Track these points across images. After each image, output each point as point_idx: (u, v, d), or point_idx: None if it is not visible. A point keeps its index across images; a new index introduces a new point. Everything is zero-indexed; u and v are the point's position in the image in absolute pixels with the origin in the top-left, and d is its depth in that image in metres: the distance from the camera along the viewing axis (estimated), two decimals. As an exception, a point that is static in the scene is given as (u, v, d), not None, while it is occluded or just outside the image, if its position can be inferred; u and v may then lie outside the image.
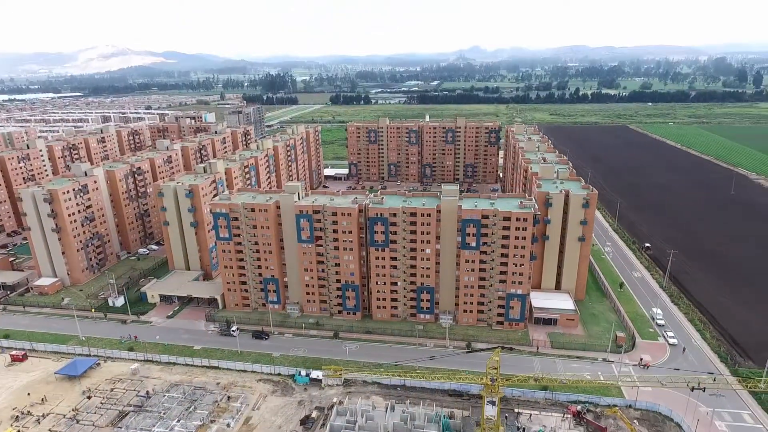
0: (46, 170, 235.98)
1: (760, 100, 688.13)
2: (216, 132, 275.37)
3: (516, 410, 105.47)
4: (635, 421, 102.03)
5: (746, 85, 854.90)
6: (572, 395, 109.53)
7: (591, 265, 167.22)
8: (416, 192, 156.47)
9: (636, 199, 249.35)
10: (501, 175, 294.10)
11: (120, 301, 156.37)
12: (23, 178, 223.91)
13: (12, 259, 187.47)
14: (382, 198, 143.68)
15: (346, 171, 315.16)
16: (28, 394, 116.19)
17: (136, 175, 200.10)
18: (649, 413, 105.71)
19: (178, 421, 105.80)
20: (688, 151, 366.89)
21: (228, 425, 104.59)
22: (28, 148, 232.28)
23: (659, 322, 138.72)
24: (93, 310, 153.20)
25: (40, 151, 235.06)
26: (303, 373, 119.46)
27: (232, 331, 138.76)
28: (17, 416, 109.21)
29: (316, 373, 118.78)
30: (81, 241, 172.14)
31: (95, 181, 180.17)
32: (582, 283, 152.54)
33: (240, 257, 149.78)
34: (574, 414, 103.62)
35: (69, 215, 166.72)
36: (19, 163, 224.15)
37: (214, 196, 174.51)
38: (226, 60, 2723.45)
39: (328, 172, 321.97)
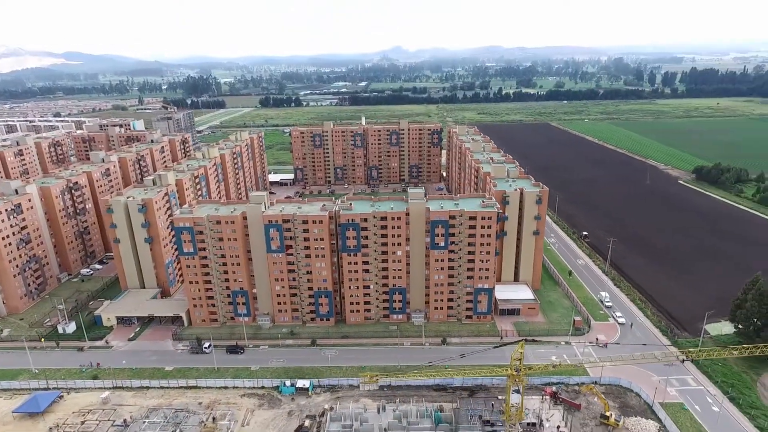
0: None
1: (656, 97, 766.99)
2: (152, 141, 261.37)
3: (499, 397, 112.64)
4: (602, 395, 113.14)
5: (643, 84, 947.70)
6: (545, 378, 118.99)
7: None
8: (382, 196, 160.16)
9: (568, 193, 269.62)
10: (444, 174, 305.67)
11: (72, 327, 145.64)
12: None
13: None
14: (350, 204, 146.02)
15: (291, 176, 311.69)
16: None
17: (73, 191, 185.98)
18: (612, 387, 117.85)
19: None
20: (605, 146, 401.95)
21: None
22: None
23: (607, 304, 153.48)
24: (42, 339, 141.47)
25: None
26: (288, 383, 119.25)
27: (205, 348, 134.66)
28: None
29: (301, 382, 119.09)
30: (17, 266, 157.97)
31: (29, 200, 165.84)
32: (537, 273, 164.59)
33: (206, 271, 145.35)
34: (551, 395, 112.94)
35: (2, 238, 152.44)
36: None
37: (168, 209, 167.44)
38: (137, 61, 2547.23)
39: (273, 177, 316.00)
